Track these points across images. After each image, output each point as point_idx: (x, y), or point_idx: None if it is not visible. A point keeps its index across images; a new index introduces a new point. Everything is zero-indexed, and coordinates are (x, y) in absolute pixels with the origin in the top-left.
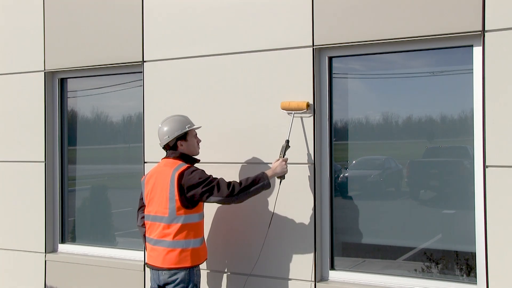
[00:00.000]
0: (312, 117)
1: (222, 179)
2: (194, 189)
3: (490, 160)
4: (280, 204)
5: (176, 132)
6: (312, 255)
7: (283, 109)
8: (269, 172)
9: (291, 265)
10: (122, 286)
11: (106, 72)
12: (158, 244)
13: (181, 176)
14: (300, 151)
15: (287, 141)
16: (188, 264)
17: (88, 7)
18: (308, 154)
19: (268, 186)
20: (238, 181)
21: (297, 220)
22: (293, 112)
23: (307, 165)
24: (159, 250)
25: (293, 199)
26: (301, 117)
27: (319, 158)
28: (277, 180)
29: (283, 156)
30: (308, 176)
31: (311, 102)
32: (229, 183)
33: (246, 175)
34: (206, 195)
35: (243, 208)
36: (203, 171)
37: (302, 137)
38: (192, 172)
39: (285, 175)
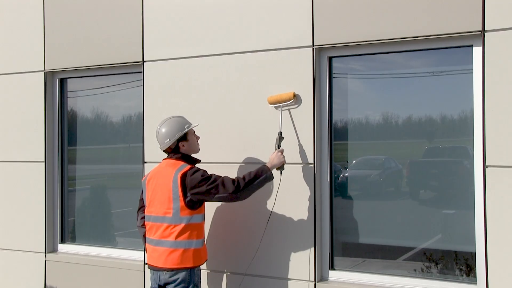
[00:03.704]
0: (312, 117)
1: (226, 176)
2: (198, 188)
3: (490, 160)
4: (280, 204)
5: (176, 134)
6: (312, 255)
7: (270, 103)
8: (268, 165)
9: (291, 265)
10: (122, 286)
11: (106, 72)
12: (160, 244)
13: (184, 176)
14: (300, 151)
15: (280, 133)
16: (190, 265)
17: (88, 7)
18: (308, 154)
19: (271, 178)
20: (241, 176)
21: (297, 220)
22: (281, 104)
23: (307, 165)
24: (161, 251)
25: (293, 199)
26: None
27: (319, 158)
28: (278, 172)
29: (279, 147)
30: (308, 176)
31: (297, 92)
32: (233, 179)
33: None
34: (212, 193)
35: (243, 208)
36: (205, 170)
37: (302, 137)
38: (194, 172)
39: (285, 166)
